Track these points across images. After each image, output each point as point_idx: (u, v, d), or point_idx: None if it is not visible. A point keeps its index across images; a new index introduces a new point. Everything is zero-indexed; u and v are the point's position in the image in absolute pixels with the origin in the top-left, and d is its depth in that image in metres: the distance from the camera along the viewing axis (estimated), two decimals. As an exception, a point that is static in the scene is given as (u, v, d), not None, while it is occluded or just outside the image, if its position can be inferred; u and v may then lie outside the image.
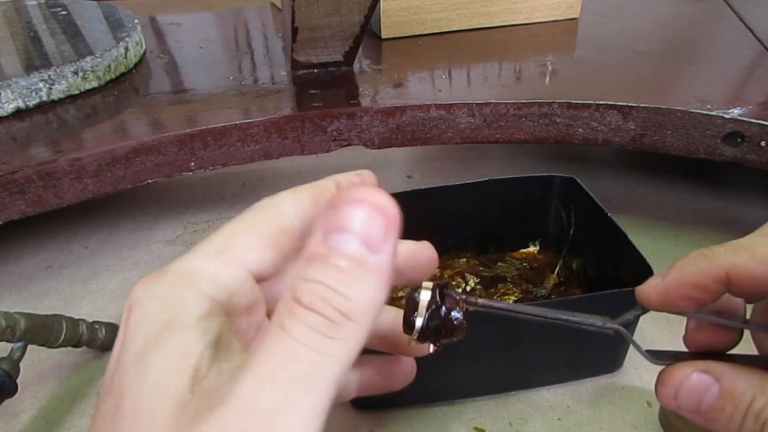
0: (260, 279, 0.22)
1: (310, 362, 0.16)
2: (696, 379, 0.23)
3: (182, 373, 0.17)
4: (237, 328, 0.21)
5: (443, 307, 0.22)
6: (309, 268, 0.17)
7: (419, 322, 0.22)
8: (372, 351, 0.28)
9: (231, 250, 0.21)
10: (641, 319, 0.51)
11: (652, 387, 0.52)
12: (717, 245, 0.23)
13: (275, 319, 0.17)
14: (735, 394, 0.22)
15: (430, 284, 0.23)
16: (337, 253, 0.17)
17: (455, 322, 0.22)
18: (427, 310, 0.22)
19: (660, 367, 0.25)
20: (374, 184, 0.25)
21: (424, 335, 0.22)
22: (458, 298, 0.23)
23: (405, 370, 0.28)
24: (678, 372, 0.23)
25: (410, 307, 0.22)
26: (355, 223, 0.17)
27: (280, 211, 0.23)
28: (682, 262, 0.23)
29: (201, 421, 0.16)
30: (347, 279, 0.16)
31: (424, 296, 0.22)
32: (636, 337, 0.51)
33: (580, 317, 0.25)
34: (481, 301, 0.24)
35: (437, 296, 0.22)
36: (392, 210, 0.17)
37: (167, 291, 0.20)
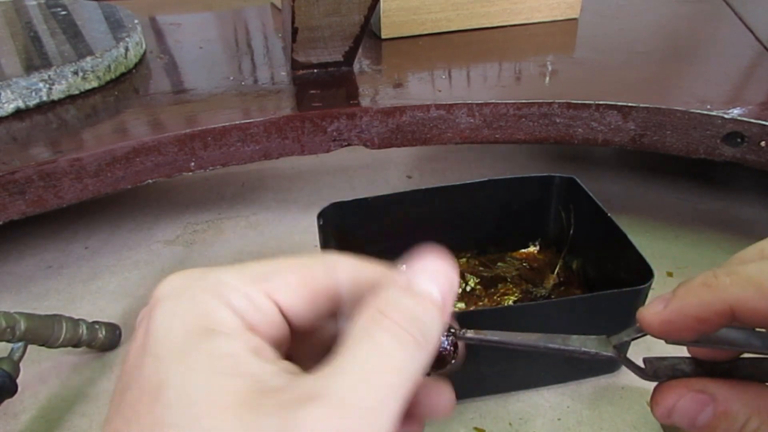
0: (288, 323, 0.22)
1: (398, 375, 0.18)
2: (691, 399, 0.23)
3: (235, 374, 0.18)
4: None
5: None
6: (400, 294, 0.20)
7: None
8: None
9: (269, 281, 0.21)
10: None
11: (652, 387, 0.52)
12: (721, 271, 0.21)
13: (359, 328, 0.19)
14: (729, 415, 0.22)
15: None
16: (423, 291, 0.20)
17: (443, 353, 0.23)
18: None
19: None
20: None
21: None
22: (446, 328, 0.23)
23: (444, 400, 0.25)
24: (673, 392, 0.23)
25: None
26: (439, 275, 0.21)
27: (334, 274, 0.22)
28: (685, 290, 0.22)
29: (297, 409, 0.17)
30: (428, 312, 0.20)
31: None
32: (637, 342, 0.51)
33: (573, 345, 0.24)
34: (469, 334, 0.23)
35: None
36: (456, 272, 0.21)
37: (201, 297, 0.20)
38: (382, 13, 0.79)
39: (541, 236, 0.62)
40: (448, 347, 0.23)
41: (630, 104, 0.59)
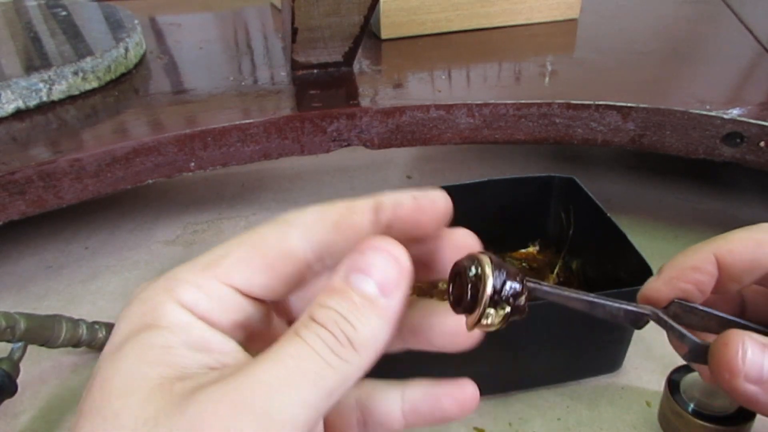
0: (256, 298, 0.21)
1: (315, 363, 0.18)
2: (754, 345, 0.23)
3: (161, 363, 0.18)
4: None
5: (505, 278, 0.20)
6: (327, 298, 0.19)
7: (489, 288, 0.20)
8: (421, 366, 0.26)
9: (219, 265, 0.21)
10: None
11: (652, 387, 0.52)
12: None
13: (289, 330, 0.19)
14: None
15: (480, 257, 0.21)
16: (354, 289, 0.19)
17: (518, 296, 0.21)
18: (492, 277, 0.20)
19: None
20: (437, 203, 0.23)
21: (489, 308, 0.20)
22: (515, 270, 0.21)
23: (463, 396, 0.24)
24: (738, 335, 0.23)
25: (463, 282, 0.20)
26: (375, 267, 0.20)
27: (288, 232, 0.22)
28: (673, 259, 0.26)
29: (194, 395, 0.17)
30: (358, 312, 0.19)
31: (486, 268, 0.20)
32: (636, 338, 0.51)
33: (616, 306, 0.25)
34: (544, 286, 0.23)
35: (495, 267, 0.20)
36: (407, 263, 0.20)
37: (151, 296, 0.20)
38: (382, 14, 0.79)
39: (540, 236, 0.63)
40: (523, 292, 0.21)
41: (629, 104, 0.59)
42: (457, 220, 0.25)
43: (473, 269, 0.20)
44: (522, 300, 0.21)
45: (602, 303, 0.24)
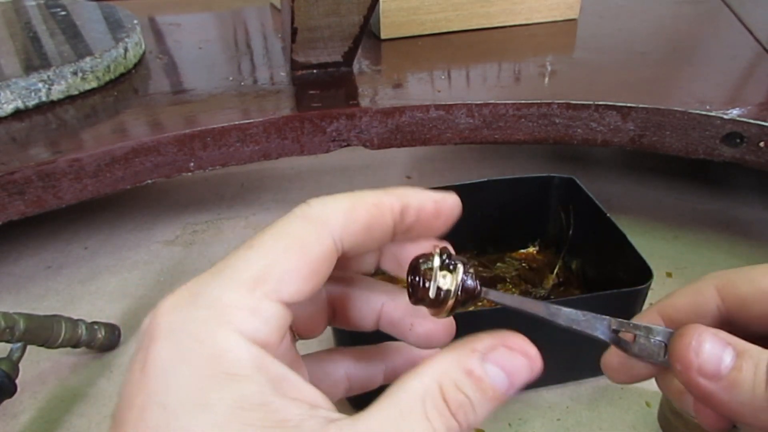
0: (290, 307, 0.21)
1: None
2: (714, 338, 0.22)
3: (270, 425, 0.17)
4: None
5: (452, 272, 0.21)
6: (465, 379, 0.19)
7: (434, 283, 0.21)
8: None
9: (269, 280, 0.19)
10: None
11: (651, 387, 0.52)
12: None
13: (418, 398, 0.19)
14: (751, 353, 0.21)
15: (434, 251, 0.22)
16: (490, 383, 0.20)
17: (474, 292, 0.22)
18: (439, 270, 0.21)
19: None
20: (448, 208, 0.23)
21: (439, 300, 0.21)
22: (466, 264, 0.22)
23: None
24: (695, 329, 0.22)
25: (417, 275, 0.21)
26: (514, 369, 0.20)
27: (328, 233, 0.20)
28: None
29: None
30: (485, 404, 0.20)
31: (436, 260, 0.21)
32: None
33: (573, 324, 0.24)
34: (491, 294, 0.22)
35: (446, 259, 0.22)
36: (539, 369, 0.20)
37: (205, 330, 0.18)
38: (382, 14, 0.79)
39: (540, 237, 0.63)
40: (477, 287, 0.22)
41: (629, 105, 0.59)
42: (457, 220, 0.25)
43: (427, 263, 0.22)
44: (472, 292, 0.22)
45: (559, 308, 0.23)
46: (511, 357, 0.20)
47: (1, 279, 0.66)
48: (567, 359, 0.50)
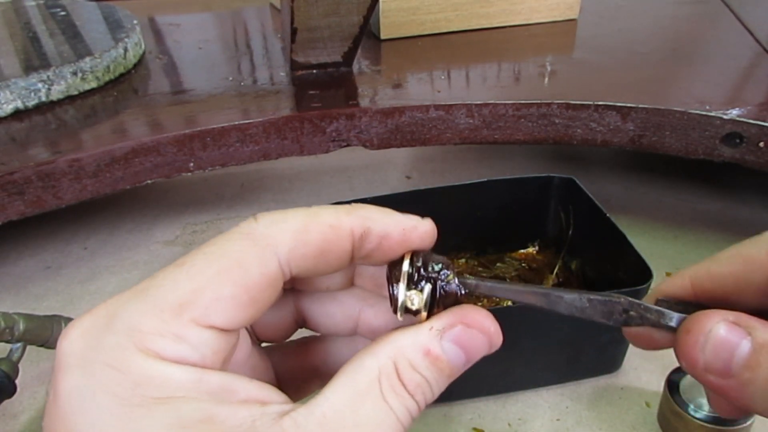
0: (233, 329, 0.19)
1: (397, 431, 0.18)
2: (726, 331, 0.19)
3: None
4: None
5: (420, 273, 0.20)
6: (421, 359, 0.19)
7: (410, 303, 0.20)
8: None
9: (195, 306, 0.17)
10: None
11: (651, 387, 0.52)
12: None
13: (374, 378, 0.18)
14: None
15: (406, 255, 0.21)
16: (448, 361, 0.19)
17: (457, 296, 0.21)
18: (408, 276, 0.20)
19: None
20: (424, 239, 0.21)
21: (408, 304, 0.20)
22: (440, 265, 0.21)
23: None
24: (705, 320, 0.19)
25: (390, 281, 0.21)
26: (472, 346, 0.19)
27: (273, 255, 0.18)
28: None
29: None
30: (442, 381, 0.19)
31: (405, 264, 0.20)
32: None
33: (577, 309, 0.21)
34: (481, 288, 0.21)
35: (415, 272, 0.20)
36: (498, 344, 0.20)
37: (121, 358, 0.16)
38: (381, 14, 0.79)
39: (540, 237, 0.62)
40: (459, 291, 0.21)
41: (629, 105, 0.59)
42: (456, 221, 0.24)
43: (396, 275, 0.20)
44: (454, 296, 0.21)
45: (560, 294, 0.21)
46: (470, 335, 0.20)
47: (1, 279, 0.66)
48: (567, 359, 0.50)
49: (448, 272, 0.20)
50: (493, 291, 0.21)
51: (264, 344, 0.24)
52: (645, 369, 0.52)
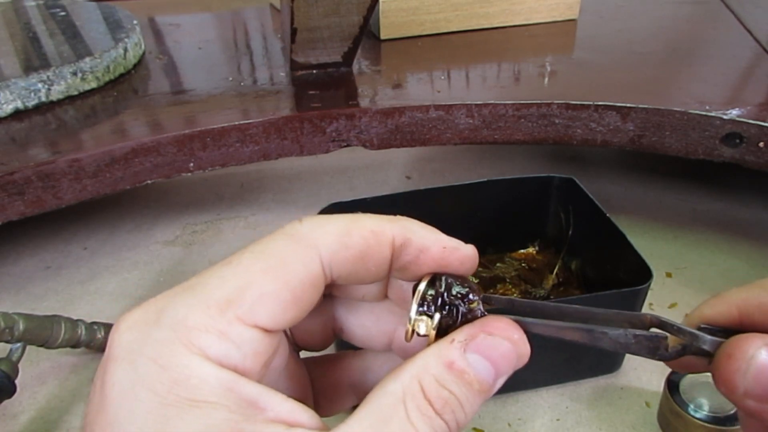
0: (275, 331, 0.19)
1: None
2: (766, 355, 0.18)
3: None
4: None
5: (445, 294, 0.20)
6: (447, 373, 0.18)
7: (414, 306, 0.20)
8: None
9: (241, 303, 0.17)
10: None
11: (651, 387, 0.52)
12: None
13: (398, 400, 0.17)
14: None
15: (426, 277, 0.21)
16: (474, 374, 0.18)
17: (461, 308, 0.20)
18: (423, 299, 0.20)
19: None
20: (464, 263, 0.21)
21: (419, 320, 0.20)
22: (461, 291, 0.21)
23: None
24: (746, 345, 0.19)
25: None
26: (498, 355, 0.19)
27: (316, 256, 0.18)
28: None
29: None
30: (472, 398, 0.18)
31: (421, 285, 0.20)
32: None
33: (607, 340, 0.21)
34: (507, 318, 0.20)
35: (438, 285, 0.20)
36: (526, 354, 0.19)
37: (166, 353, 0.17)
38: (381, 14, 0.79)
39: (540, 237, 0.62)
40: (479, 314, 0.20)
41: (629, 105, 0.59)
42: (456, 221, 0.24)
43: (414, 298, 0.20)
44: (468, 315, 0.20)
45: (605, 331, 0.21)
46: (494, 343, 0.19)
47: (1, 279, 0.66)
48: (567, 359, 0.50)
49: (473, 297, 0.20)
50: (529, 327, 0.21)
51: (302, 355, 0.24)
52: (645, 369, 0.52)
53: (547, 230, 0.62)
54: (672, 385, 0.45)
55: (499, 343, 0.19)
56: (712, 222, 0.72)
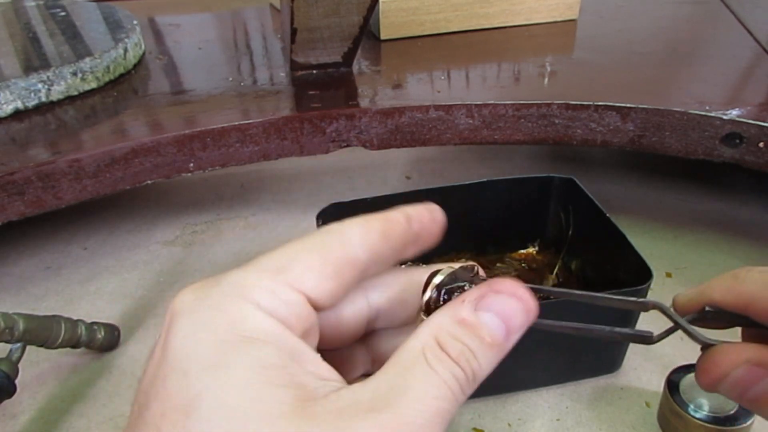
0: (316, 308, 0.21)
1: (450, 404, 0.19)
2: (745, 372, 0.21)
3: (287, 384, 0.18)
4: None
5: (450, 287, 0.22)
6: (459, 329, 0.20)
7: (427, 294, 0.22)
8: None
9: (290, 271, 0.20)
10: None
11: (651, 387, 0.52)
12: (756, 268, 0.23)
13: (416, 353, 0.19)
14: None
15: (444, 268, 0.23)
16: (486, 329, 0.20)
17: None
18: (437, 285, 0.22)
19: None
20: (440, 216, 0.25)
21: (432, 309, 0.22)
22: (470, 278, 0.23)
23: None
24: (725, 360, 0.21)
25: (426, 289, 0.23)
26: (507, 311, 0.20)
27: (349, 240, 0.21)
28: (717, 278, 0.23)
29: (355, 420, 0.17)
30: (485, 350, 0.20)
31: (437, 278, 0.23)
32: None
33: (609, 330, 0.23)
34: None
35: (448, 276, 0.22)
36: (535, 311, 0.21)
37: (224, 302, 0.19)
38: (381, 14, 0.79)
39: (540, 237, 0.62)
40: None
41: (629, 105, 0.59)
42: (456, 221, 0.25)
43: (436, 278, 0.23)
44: None
45: (590, 329, 0.23)
46: (502, 300, 0.20)
47: (1, 279, 0.66)
48: (567, 359, 0.50)
49: (482, 275, 0.22)
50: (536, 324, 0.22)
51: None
52: (645, 369, 0.52)
53: (547, 230, 0.62)
54: (672, 385, 0.45)
55: (506, 300, 0.20)
56: (712, 222, 0.72)
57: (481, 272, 0.23)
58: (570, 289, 0.24)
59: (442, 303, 0.22)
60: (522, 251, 0.63)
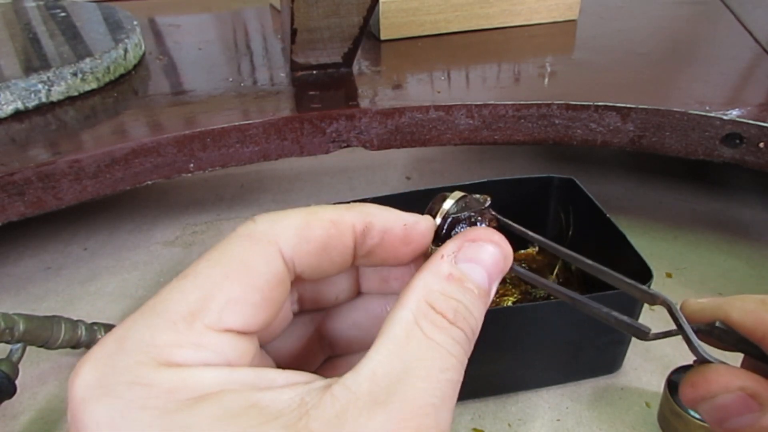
0: (251, 334, 0.18)
1: (457, 373, 0.17)
2: (734, 399, 0.20)
3: (272, 417, 0.15)
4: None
5: (460, 211, 0.22)
6: (448, 285, 0.18)
7: (439, 218, 0.21)
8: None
9: (207, 312, 0.17)
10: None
11: (651, 388, 0.52)
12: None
13: (407, 322, 0.17)
14: None
15: (449, 195, 0.22)
16: (470, 279, 0.19)
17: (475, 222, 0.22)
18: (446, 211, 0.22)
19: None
20: (425, 236, 0.21)
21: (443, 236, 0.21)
22: (482, 208, 0.23)
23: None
24: (719, 380, 0.21)
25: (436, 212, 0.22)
26: (488, 259, 0.19)
27: (277, 253, 0.18)
28: (741, 299, 0.22)
29: (363, 419, 0.15)
30: (477, 303, 0.19)
31: (447, 203, 0.22)
32: (636, 339, 0.51)
33: (606, 312, 0.23)
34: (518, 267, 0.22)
35: (460, 203, 0.22)
36: (510, 253, 0.20)
37: (144, 375, 0.15)
38: (381, 15, 0.79)
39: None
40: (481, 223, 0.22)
41: (629, 105, 0.59)
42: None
43: (446, 203, 0.22)
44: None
45: (586, 303, 0.23)
46: (478, 248, 0.20)
47: (1, 280, 0.66)
48: (567, 359, 0.50)
49: (485, 210, 0.23)
50: (523, 276, 0.23)
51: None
52: (645, 369, 0.52)
53: (547, 230, 0.62)
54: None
55: (483, 247, 0.20)
56: (712, 222, 0.72)
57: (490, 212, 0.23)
58: (570, 289, 0.23)
59: (446, 232, 0.21)
60: (522, 251, 0.63)
